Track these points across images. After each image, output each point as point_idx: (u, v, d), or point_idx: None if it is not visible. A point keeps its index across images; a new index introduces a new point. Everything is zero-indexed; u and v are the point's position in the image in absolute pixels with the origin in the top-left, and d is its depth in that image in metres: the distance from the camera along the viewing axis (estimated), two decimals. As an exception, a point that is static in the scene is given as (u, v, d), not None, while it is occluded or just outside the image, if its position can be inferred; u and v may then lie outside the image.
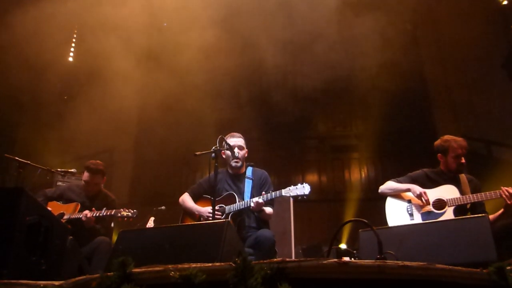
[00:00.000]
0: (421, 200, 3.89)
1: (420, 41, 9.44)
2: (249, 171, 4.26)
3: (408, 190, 4.03)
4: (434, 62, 9.14)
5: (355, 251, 5.56)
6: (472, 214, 3.63)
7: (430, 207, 3.88)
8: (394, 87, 8.43)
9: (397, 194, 4.13)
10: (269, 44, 9.07)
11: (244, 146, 4.31)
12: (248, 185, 4.13)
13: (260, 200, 3.77)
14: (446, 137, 4.12)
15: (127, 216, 4.37)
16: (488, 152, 7.77)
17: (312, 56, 9.51)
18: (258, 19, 8.01)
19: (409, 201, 4.03)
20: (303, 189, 3.73)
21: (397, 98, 8.65)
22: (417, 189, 3.94)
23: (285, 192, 3.78)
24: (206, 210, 3.98)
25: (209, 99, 8.86)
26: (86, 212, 4.38)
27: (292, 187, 3.77)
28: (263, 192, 3.86)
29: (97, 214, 4.40)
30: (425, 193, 3.89)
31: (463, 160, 3.95)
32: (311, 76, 9.81)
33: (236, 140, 4.26)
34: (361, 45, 8.96)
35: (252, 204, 3.79)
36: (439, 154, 4.10)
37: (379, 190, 4.24)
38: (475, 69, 8.14)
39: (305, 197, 3.72)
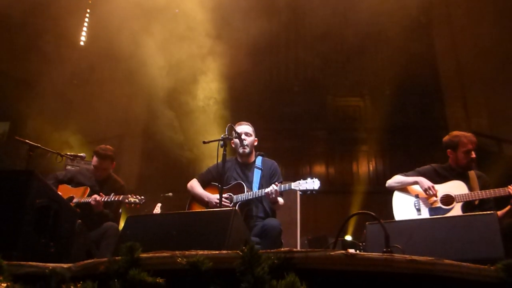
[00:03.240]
0: (429, 194, 3.87)
1: (434, 34, 9.32)
2: (258, 160, 4.25)
3: (416, 183, 4.00)
4: (448, 56, 9.03)
5: (361, 244, 5.56)
6: (481, 211, 3.60)
7: (438, 202, 3.86)
8: (406, 80, 8.36)
9: (404, 189, 4.11)
10: (278, 33, 9.03)
11: (252, 133, 4.28)
12: (257, 174, 4.12)
13: (277, 188, 3.74)
14: (455, 132, 4.09)
15: (135, 203, 4.38)
16: (499, 149, 7.69)
17: (323, 47, 9.46)
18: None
19: (417, 196, 4.01)
20: (313, 184, 3.70)
21: (408, 92, 8.60)
22: (425, 182, 3.91)
23: (294, 185, 3.76)
24: (215, 197, 3.95)
25: (216, 88, 8.85)
26: (95, 196, 4.41)
27: (302, 181, 3.74)
28: (277, 183, 3.84)
29: (105, 199, 4.43)
30: (433, 186, 3.87)
31: (473, 155, 3.92)
32: (322, 67, 9.77)
33: (243, 128, 4.25)
34: (374, 37, 8.89)
35: (272, 189, 3.72)
36: (448, 150, 4.06)
37: (387, 185, 4.21)
38: (489, 65, 8.03)
39: (314, 192, 3.70)
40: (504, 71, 7.72)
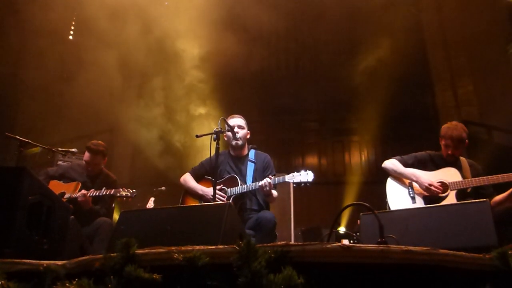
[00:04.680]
0: (433, 192, 3.80)
1: (424, 25, 9.34)
2: (251, 153, 4.24)
3: (413, 180, 3.95)
4: (437, 46, 9.05)
5: (354, 234, 5.58)
6: (477, 196, 3.60)
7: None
8: (396, 70, 8.37)
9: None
10: (271, 25, 8.99)
11: (245, 126, 4.28)
12: (250, 168, 4.11)
13: (271, 181, 3.74)
14: (451, 124, 4.05)
15: (126, 196, 4.35)
16: (489, 137, 7.75)
17: (315, 39, 9.44)
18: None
19: (411, 184, 4.01)
20: (306, 176, 3.71)
21: (399, 82, 8.61)
22: (424, 180, 3.85)
23: (288, 178, 3.76)
24: (210, 190, 3.95)
25: (209, 79, 8.81)
26: (83, 191, 4.36)
27: (295, 174, 3.76)
28: (270, 176, 3.84)
29: (96, 194, 4.40)
30: (432, 184, 3.82)
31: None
32: (313, 58, 9.76)
33: (235, 120, 4.25)
34: (365, 28, 8.87)
35: (265, 182, 3.73)
36: (439, 138, 4.10)
37: (383, 165, 4.14)
38: (478, 54, 8.07)
39: (308, 184, 3.71)
40: (493, 60, 7.76)
